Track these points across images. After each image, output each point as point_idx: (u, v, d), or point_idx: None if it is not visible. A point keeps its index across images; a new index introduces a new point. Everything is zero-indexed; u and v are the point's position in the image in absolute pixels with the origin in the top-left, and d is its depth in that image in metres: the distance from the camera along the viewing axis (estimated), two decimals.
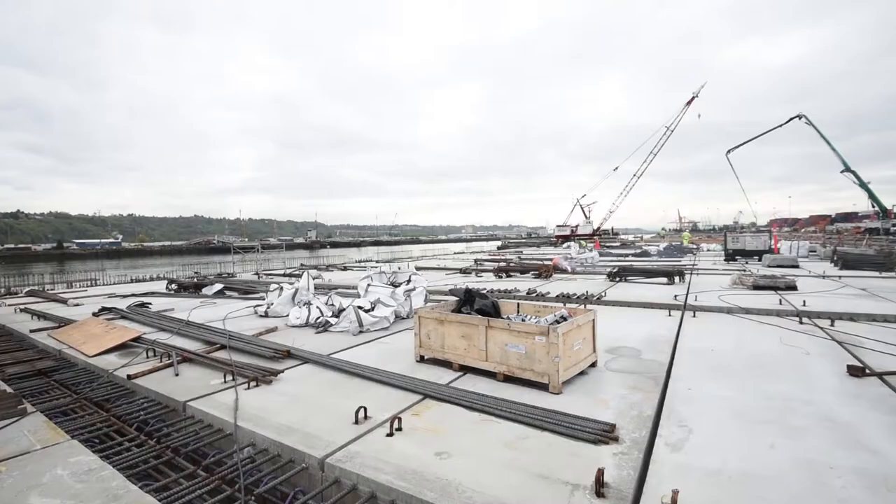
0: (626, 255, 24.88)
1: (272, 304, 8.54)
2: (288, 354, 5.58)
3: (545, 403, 3.84)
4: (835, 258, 17.40)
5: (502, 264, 17.53)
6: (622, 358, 5.27)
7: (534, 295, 10.36)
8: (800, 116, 50.06)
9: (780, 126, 50.80)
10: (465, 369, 4.83)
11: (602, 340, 5.36)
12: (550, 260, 17.06)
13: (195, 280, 15.06)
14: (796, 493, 2.53)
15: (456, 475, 2.78)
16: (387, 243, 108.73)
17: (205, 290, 12.51)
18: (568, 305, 6.85)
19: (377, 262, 24.07)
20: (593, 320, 4.93)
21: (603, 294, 10.13)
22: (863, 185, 52.74)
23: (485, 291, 8.35)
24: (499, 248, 48.39)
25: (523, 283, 12.76)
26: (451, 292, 6.34)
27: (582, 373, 4.62)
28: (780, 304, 8.30)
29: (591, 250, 26.39)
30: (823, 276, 13.07)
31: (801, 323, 6.96)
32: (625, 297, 9.67)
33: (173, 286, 13.91)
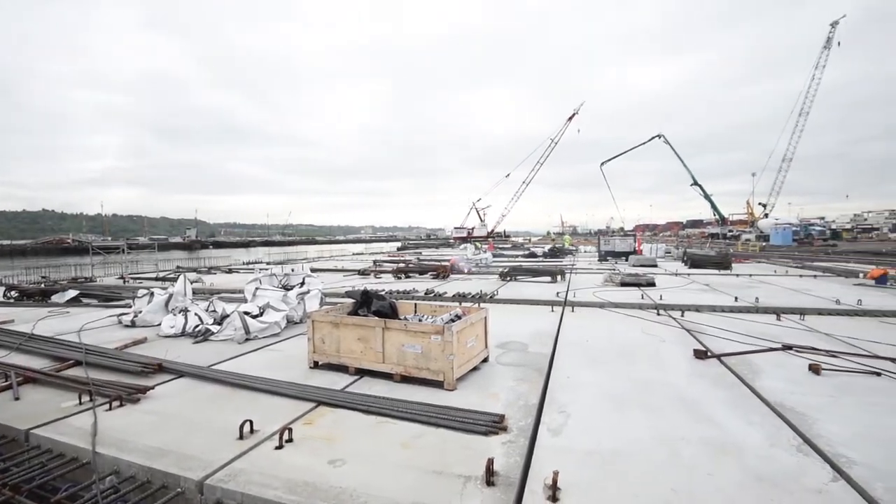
0: (517, 256, 26.51)
1: (140, 311, 7.58)
2: (160, 368, 5.00)
3: (440, 400, 3.94)
4: (685, 258, 20.37)
5: (401, 265, 17.58)
6: (511, 352, 5.61)
7: (431, 295, 10.56)
8: (659, 136, 57.88)
9: (643, 144, 58.34)
10: (362, 372, 4.76)
11: (493, 337, 5.65)
12: (448, 261, 17.52)
13: (42, 286, 12.75)
14: (656, 465, 2.91)
15: (351, 482, 2.73)
16: (279, 243, 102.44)
17: (55, 298, 10.72)
18: (463, 304, 7.12)
19: (268, 263, 22.56)
20: (485, 318, 5.18)
21: (495, 293, 10.69)
22: (707, 196, 62.60)
23: (383, 293, 8.31)
24: (399, 249, 48.38)
25: (422, 284, 12.94)
26: (348, 294, 6.22)
27: (475, 368, 4.83)
28: (642, 298, 9.52)
29: (485, 251, 27.66)
30: (676, 274, 15.23)
31: (658, 314, 8.03)
32: (514, 295, 10.31)
33: (13, 293, 11.66)
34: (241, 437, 3.30)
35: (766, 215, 63.52)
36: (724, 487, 2.63)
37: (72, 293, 10.89)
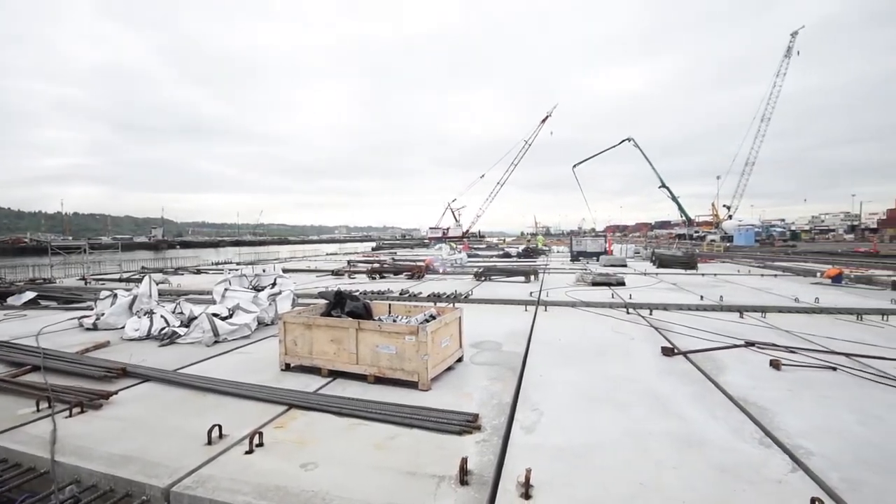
0: (491, 257, 26.71)
1: (103, 314, 7.28)
2: (123, 372, 4.81)
3: (415, 401, 3.93)
4: (653, 258, 20.93)
5: (376, 266, 17.45)
6: (486, 352, 5.64)
7: (406, 295, 10.53)
8: (629, 139, 59.31)
9: (614, 147, 59.65)
10: (335, 374, 4.70)
11: (468, 336, 5.68)
12: (423, 261, 17.49)
13: None
14: (626, 459, 2.98)
15: (323, 485, 2.69)
16: (250, 243, 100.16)
17: (10, 300, 10.18)
18: (438, 304, 7.12)
19: (238, 264, 22.03)
20: (460, 318, 5.19)
21: (470, 293, 10.74)
22: (674, 198, 64.43)
23: (357, 293, 8.23)
24: (373, 249, 48.07)
25: (396, 284, 12.88)
26: (321, 295, 6.13)
27: (450, 368, 4.84)
28: (613, 297, 9.73)
29: (460, 252, 27.74)
30: (645, 274, 15.64)
31: (628, 313, 8.22)
32: (489, 295, 10.38)
33: None
34: (209, 443, 3.21)
35: (730, 217, 65.90)
36: (690, 479, 2.72)
37: (29, 295, 10.36)
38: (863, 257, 24.12)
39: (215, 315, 6.60)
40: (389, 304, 5.83)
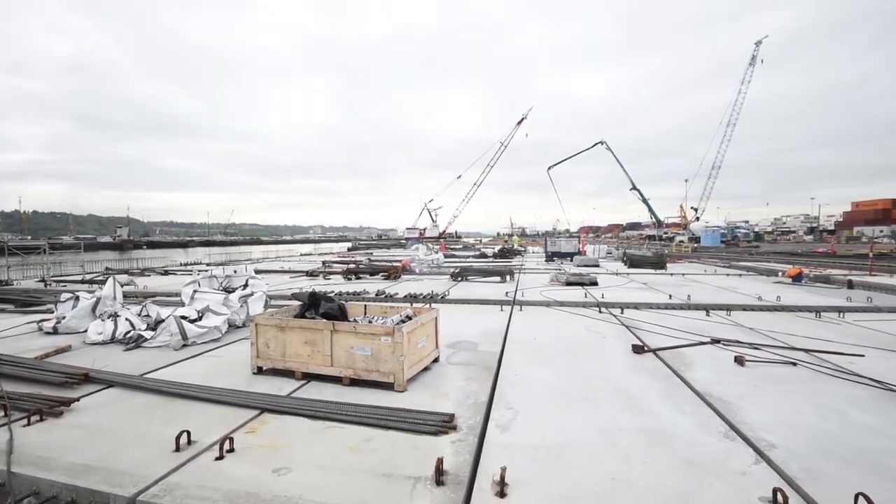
0: (468, 257, 26.83)
1: (64, 317, 6.98)
2: (86, 378, 4.62)
3: (391, 402, 3.91)
4: (624, 259, 21.43)
5: (352, 266, 17.28)
6: (462, 351, 5.66)
7: (382, 296, 10.46)
8: (602, 142, 60.59)
9: (587, 150, 60.85)
10: (309, 377, 4.63)
11: (444, 336, 5.69)
12: (400, 261, 17.42)
13: None
14: (598, 455, 3.04)
15: (296, 490, 2.65)
16: (221, 244, 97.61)
17: None
18: (414, 305, 7.11)
19: (208, 264, 21.45)
20: (436, 318, 5.19)
21: (446, 293, 10.75)
22: (644, 200, 66.15)
23: (332, 294, 8.13)
24: (349, 249, 47.57)
25: (372, 285, 12.78)
26: (295, 296, 6.03)
27: (426, 368, 4.83)
28: (586, 297, 9.92)
29: (437, 252, 27.73)
30: (616, 274, 15.99)
31: (600, 312, 8.39)
32: (465, 295, 10.42)
33: None
34: (177, 450, 3.12)
35: (698, 219, 67.97)
36: (659, 473, 2.79)
37: None
38: (821, 257, 25.25)
39: (184, 317, 6.41)
40: (365, 305, 5.78)
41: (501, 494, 2.55)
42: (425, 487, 2.65)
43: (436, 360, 5.12)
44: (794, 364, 5.07)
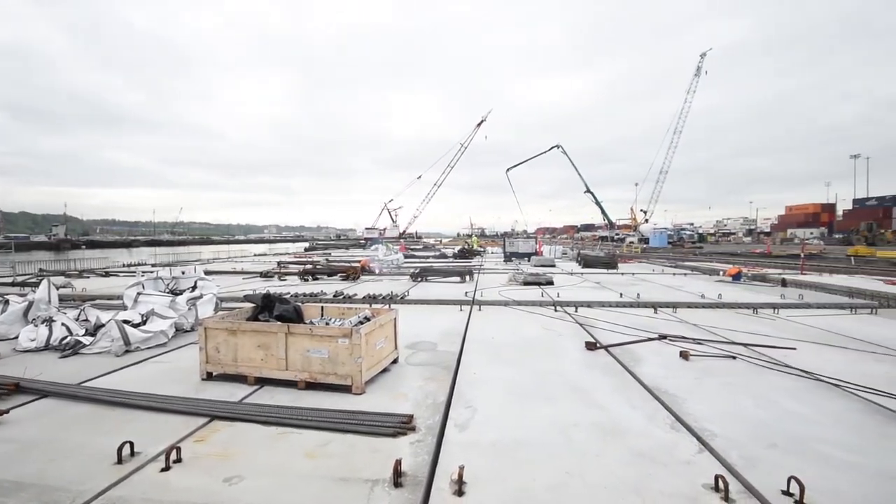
0: (428, 257, 26.83)
1: None
2: (16, 388, 4.26)
3: (348, 405, 3.85)
4: (579, 259, 22.10)
5: (308, 267, 16.86)
6: (421, 352, 5.65)
7: (341, 297, 10.28)
8: (557, 146, 62.26)
9: (544, 153, 62.39)
10: (263, 382, 4.49)
11: (404, 337, 5.66)
12: (359, 262, 17.18)
13: None
14: (553, 450, 3.12)
15: (249, 498, 2.56)
16: (168, 243, 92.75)
17: None
18: (373, 306, 7.03)
19: (154, 265, 20.32)
20: (395, 319, 5.16)
21: (406, 293, 10.71)
22: (598, 203, 68.50)
23: (287, 296, 7.90)
24: (306, 249, 46.46)
25: (330, 286, 12.54)
26: (247, 298, 5.82)
27: (385, 370, 4.79)
28: (542, 296, 10.15)
29: (397, 252, 27.55)
30: (571, 273, 16.46)
31: (556, 311, 8.61)
32: (425, 295, 10.41)
33: None
34: (119, 462, 2.93)
35: (647, 221, 71.06)
36: (610, 466, 2.90)
37: None
38: (758, 258, 27.04)
39: (126, 322, 6.05)
40: (322, 307, 5.66)
41: (459, 493, 2.57)
42: (383, 490, 2.63)
43: (395, 362, 5.09)
44: (734, 358, 5.39)
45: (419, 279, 13.91)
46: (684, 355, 5.38)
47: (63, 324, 6.22)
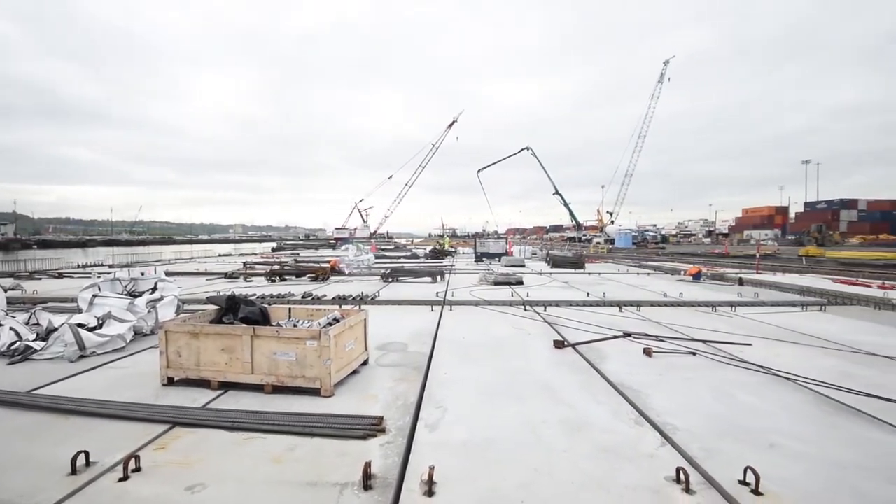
0: (399, 258, 26.71)
1: None
2: None
3: (317, 408, 3.79)
4: (548, 259, 22.50)
5: (276, 267, 16.50)
6: (392, 353, 5.63)
7: (309, 298, 10.11)
8: (527, 148, 63.17)
9: (514, 154, 63.18)
10: (227, 386, 4.36)
11: (374, 338, 5.62)
12: (328, 262, 16.93)
13: None
14: (522, 448, 3.16)
15: None
16: (127, 243, 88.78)
17: None
18: (343, 307, 6.95)
19: (111, 266, 19.43)
20: (365, 320, 5.12)
21: (377, 294, 10.63)
22: (566, 204, 69.87)
23: (254, 297, 7.71)
24: (274, 249, 45.47)
25: (299, 287, 12.30)
26: (210, 300, 5.64)
27: (355, 372, 4.74)
28: (512, 296, 10.28)
29: (367, 253, 27.30)
30: (540, 273, 16.73)
31: (525, 310, 8.74)
32: (396, 296, 10.37)
33: None
34: (73, 472, 2.79)
35: (613, 222, 72.90)
36: (577, 462, 2.97)
37: None
38: (717, 258, 28.18)
39: (81, 325, 5.76)
40: (290, 308, 5.56)
41: (430, 493, 2.57)
42: (352, 493, 2.61)
43: (365, 363, 5.05)
44: (694, 354, 5.61)
45: (390, 280, 13.83)
46: (647, 352, 5.55)
47: (12, 328, 5.86)
